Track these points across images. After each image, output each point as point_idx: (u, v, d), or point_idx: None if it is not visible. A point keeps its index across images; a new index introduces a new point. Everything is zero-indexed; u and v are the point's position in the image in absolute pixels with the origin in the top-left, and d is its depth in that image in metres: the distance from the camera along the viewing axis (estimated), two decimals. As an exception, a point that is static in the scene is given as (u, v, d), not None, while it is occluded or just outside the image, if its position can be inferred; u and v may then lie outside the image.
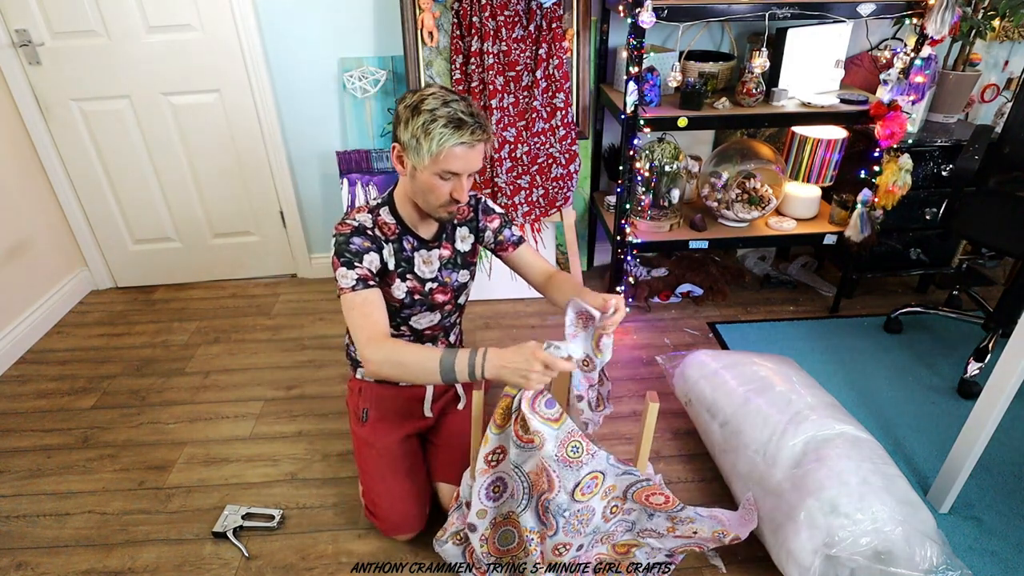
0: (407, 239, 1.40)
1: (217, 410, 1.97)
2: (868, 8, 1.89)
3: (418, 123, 1.21)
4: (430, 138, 1.20)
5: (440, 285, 1.47)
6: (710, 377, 1.72)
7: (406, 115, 1.23)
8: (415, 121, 1.21)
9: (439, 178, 1.25)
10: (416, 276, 1.43)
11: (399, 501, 1.47)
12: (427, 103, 1.22)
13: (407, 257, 1.41)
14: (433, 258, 1.45)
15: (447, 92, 1.25)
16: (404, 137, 1.24)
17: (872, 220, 2.13)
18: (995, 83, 2.40)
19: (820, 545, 1.27)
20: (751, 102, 2.05)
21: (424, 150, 1.22)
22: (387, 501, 1.47)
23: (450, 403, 1.68)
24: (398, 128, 1.25)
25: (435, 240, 1.44)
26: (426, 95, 1.24)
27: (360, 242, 1.31)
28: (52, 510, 1.63)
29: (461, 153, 1.23)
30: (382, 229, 1.37)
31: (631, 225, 2.15)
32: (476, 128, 1.22)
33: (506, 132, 2.14)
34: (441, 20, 2.07)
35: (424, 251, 1.43)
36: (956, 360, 2.11)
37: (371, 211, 1.38)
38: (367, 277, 1.30)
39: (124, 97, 2.28)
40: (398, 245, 1.39)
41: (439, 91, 1.25)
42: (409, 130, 1.22)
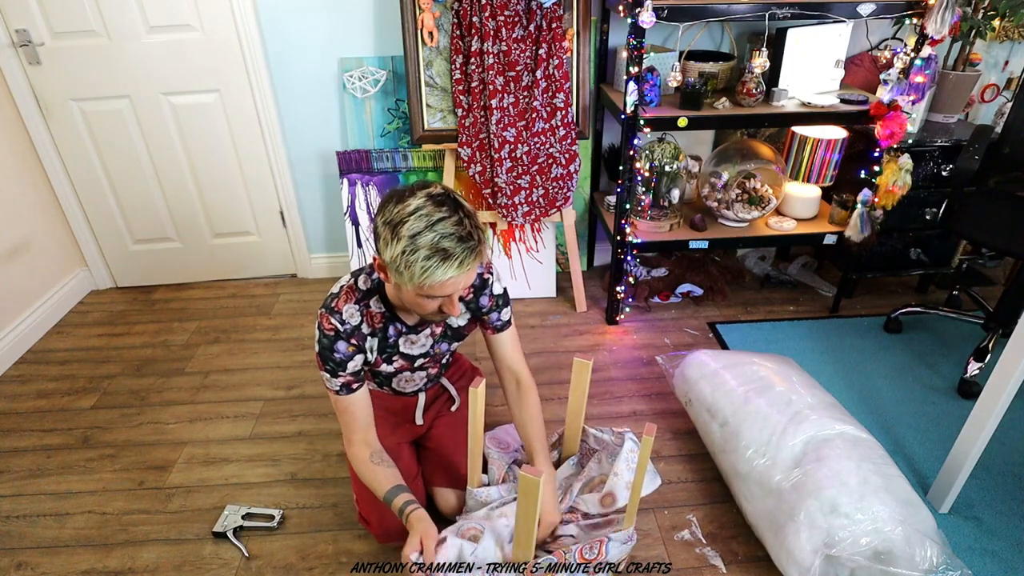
0: (394, 325, 1.33)
1: (217, 410, 1.97)
2: (868, 8, 1.89)
3: (397, 250, 1.07)
4: (411, 271, 1.07)
5: (428, 358, 1.45)
6: (710, 377, 1.72)
7: (385, 234, 1.09)
8: (394, 246, 1.07)
9: (427, 298, 1.15)
10: (403, 355, 1.39)
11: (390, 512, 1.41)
12: (408, 225, 1.06)
13: (392, 343, 1.35)
14: (422, 337, 1.39)
15: (433, 205, 1.08)
16: (386, 257, 1.11)
17: (872, 220, 2.13)
18: (995, 83, 2.40)
19: (820, 545, 1.27)
20: (751, 102, 2.05)
21: (407, 279, 1.10)
22: (379, 511, 1.42)
23: (443, 408, 1.67)
24: (378, 243, 1.12)
25: (423, 324, 1.37)
26: (407, 214, 1.07)
27: (344, 349, 1.26)
28: (52, 510, 1.63)
29: (452, 283, 1.11)
30: (370, 320, 1.29)
31: (631, 225, 2.15)
32: (466, 255, 1.09)
33: (506, 132, 2.14)
34: (441, 20, 2.07)
35: (412, 334, 1.37)
36: (956, 360, 2.11)
37: (359, 301, 1.28)
38: (350, 383, 1.30)
39: (124, 97, 2.28)
40: (383, 334, 1.33)
41: (423, 206, 1.08)
42: (389, 253, 1.09)
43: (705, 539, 1.52)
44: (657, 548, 1.50)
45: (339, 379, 1.28)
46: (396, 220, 1.08)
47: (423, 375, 1.52)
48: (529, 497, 1.10)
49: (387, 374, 1.46)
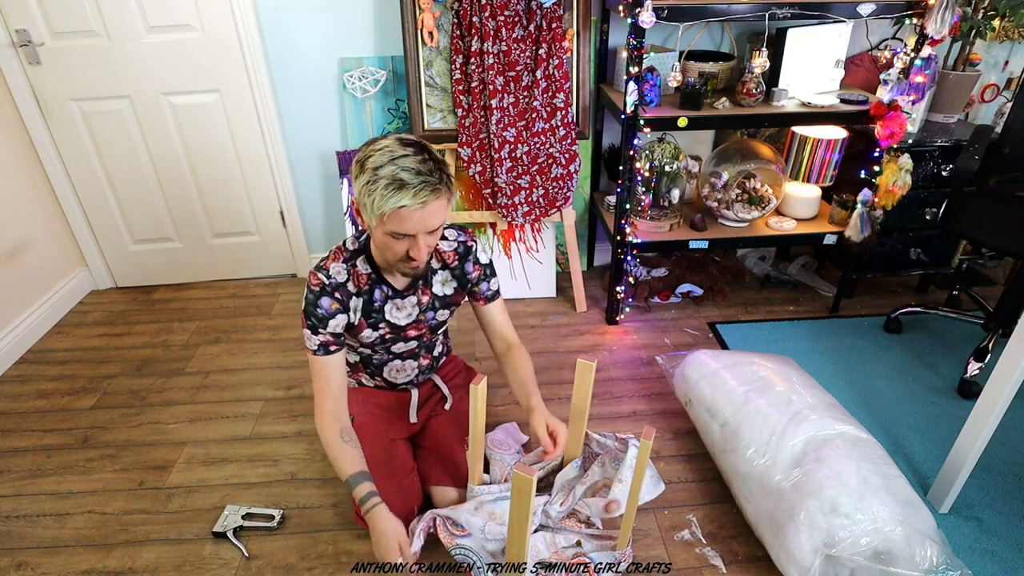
0: (380, 288, 1.37)
1: (217, 410, 1.97)
2: (868, 8, 1.89)
3: (363, 182, 1.16)
4: (372, 199, 1.15)
5: (415, 323, 1.45)
6: (710, 377, 1.72)
7: (355, 170, 1.19)
8: (360, 179, 1.17)
9: (391, 237, 1.20)
10: (388, 323, 1.41)
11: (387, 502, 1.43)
12: (372, 159, 1.16)
13: (378, 307, 1.38)
14: (408, 304, 1.41)
15: (399, 145, 1.17)
16: (355, 193, 1.20)
17: (872, 220, 2.13)
18: (995, 83, 2.40)
19: (820, 545, 1.27)
20: (751, 102, 2.05)
21: (369, 210, 1.17)
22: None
23: (437, 407, 1.67)
24: (353, 179, 1.21)
25: (410, 288, 1.40)
26: (373, 151, 1.17)
27: (328, 305, 1.31)
28: (52, 510, 1.63)
29: (408, 214, 1.15)
30: (356, 280, 1.34)
31: (631, 225, 2.15)
32: (422, 188, 1.14)
33: (506, 132, 2.14)
34: (441, 20, 2.07)
35: (398, 299, 1.40)
36: (956, 360, 2.11)
37: (347, 260, 1.34)
38: (329, 343, 1.33)
39: (124, 97, 2.28)
40: (368, 296, 1.36)
41: (390, 144, 1.17)
42: (356, 188, 1.18)
43: (705, 539, 1.52)
44: (657, 548, 1.50)
45: (319, 337, 1.32)
46: (363, 157, 1.17)
47: (414, 364, 1.54)
48: (522, 495, 1.10)
49: (376, 362, 1.49)
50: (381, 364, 1.52)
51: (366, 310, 1.37)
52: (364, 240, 1.36)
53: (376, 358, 1.50)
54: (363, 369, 1.55)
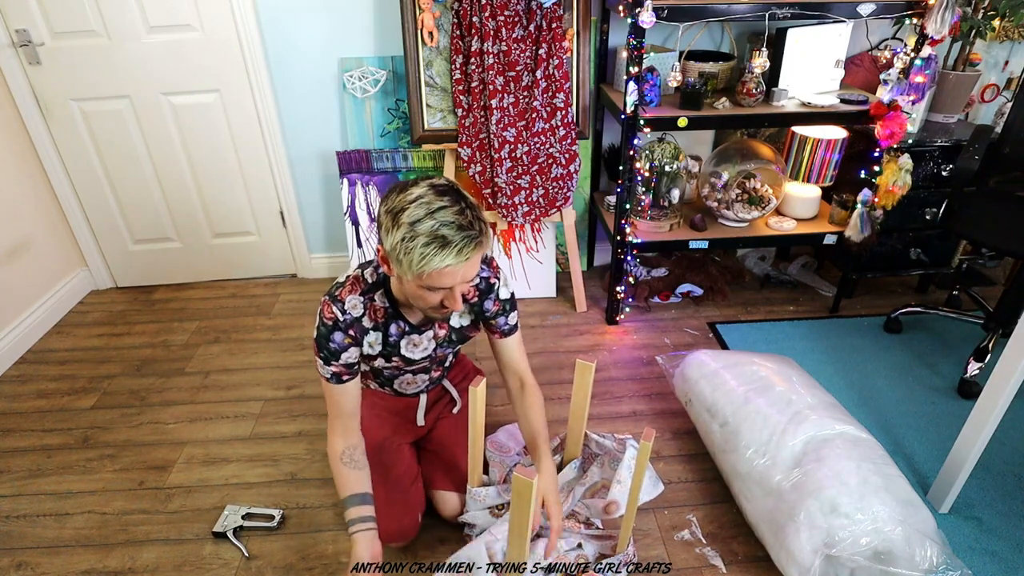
0: (396, 323, 1.32)
1: (217, 410, 1.97)
2: (868, 8, 1.89)
3: (397, 237, 1.07)
4: (410, 258, 1.06)
5: (431, 360, 1.44)
6: (710, 377, 1.72)
7: (387, 223, 1.10)
8: (395, 234, 1.07)
9: (427, 290, 1.14)
10: (403, 357, 1.38)
11: (390, 512, 1.43)
12: (407, 213, 1.07)
13: (393, 342, 1.34)
14: (424, 339, 1.37)
15: (435, 195, 1.08)
16: (387, 245, 1.11)
17: (872, 220, 2.13)
18: (995, 83, 2.40)
19: (820, 545, 1.27)
20: (751, 102, 2.05)
21: (406, 267, 1.09)
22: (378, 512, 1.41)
23: (444, 410, 1.67)
24: (381, 232, 1.13)
25: (426, 324, 1.36)
26: (408, 202, 1.08)
27: (340, 340, 1.26)
28: (52, 510, 1.63)
29: (451, 272, 1.09)
30: (373, 314, 1.29)
31: (631, 225, 2.15)
32: (465, 244, 1.07)
33: (506, 132, 2.14)
34: (441, 20, 2.07)
35: (415, 335, 1.35)
36: (956, 360, 2.11)
37: (364, 292, 1.28)
38: (342, 373, 1.30)
39: (124, 97, 2.28)
40: (384, 331, 1.32)
41: (425, 194, 1.08)
42: (389, 242, 1.09)
43: (705, 539, 1.52)
44: (657, 548, 1.50)
45: (331, 368, 1.28)
46: (397, 208, 1.08)
47: (425, 378, 1.52)
48: (522, 499, 1.10)
49: (387, 375, 1.46)
50: (392, 377, 1.49)
51: (384, 343, 1.33)
52: (383, 275, 1.30)
53: (387, 370, 1.47)
54: (372, 378, 1.53)
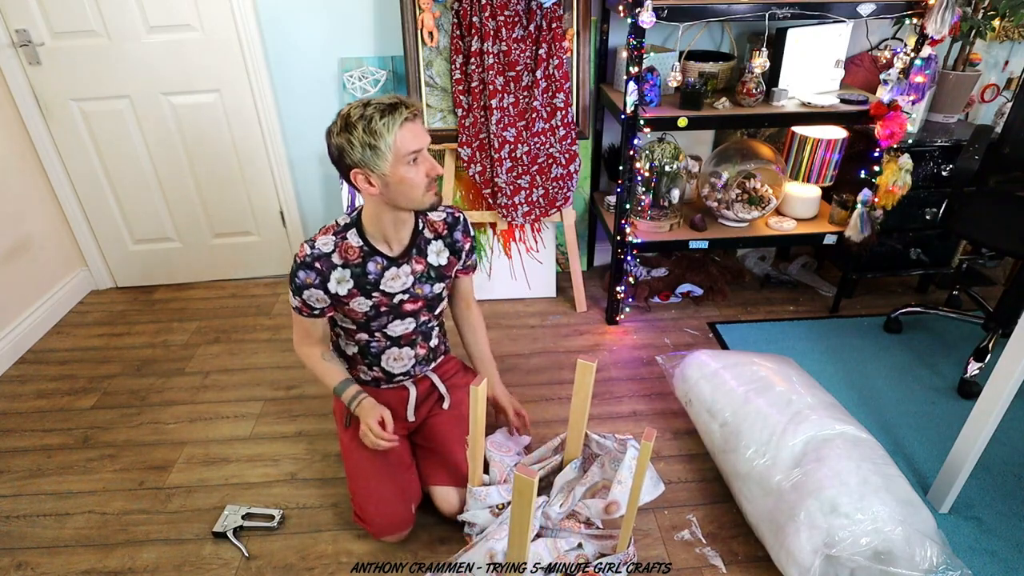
0: (374, 260, 1.41)
1: (217, 410, 1.97)
2: (868, 8, 1.89)
3: (360, 133, 1.22)
4: (378, 134, 1.22)
5: (411, 297, 1.48)
6: (710, 377, 1.72)
7: (344, 137, 1.24)
8: (356, 135, 1.23)
9: (410, 166, 1.27)
10: (383, 292, 1.44)
11: (385, 503, 1.47)
12: (352, 115, 1.24)
13: (373, 279, 1.42)
14: (403, 274, 1.45)
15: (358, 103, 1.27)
16: (356, 156, 1.25)
17: (872, 220, 2.13)
18: (995, 83, 2.40)
19: (820, 545, 1.27)
20: (751, 102, 2.05)
21: (381, 149, 1.23)
22: (373, 504, 1.47)
23: (435, 405, 1.68)
24: (345, 155, 1.26)
25: (404, 256, 1.44)
26: (345, 114, 1.26)
27: (303, 277, 1.37)
28: (52, 510, 1.63)
29: (411, 129, 1.26)
30: (345, 253, 1.39)
31: (631, 225, 2.15)
32: (406, 107, 1.25)
33: (506, 132, 2.14)
34: (441, 20, 2.07)
35: (393, 268, 1.43)
36: (956, 360, 2.11)
37: (337, 232, 1.40)
38: (303, 309, 1.43)
39: (124, 97, 2.28)
40: (361, 268, 1.40)
41: (352, 105, 1.26)
42: (356, 145, 1.23)
43: (705, 539, 1.52)
44: (657, 548, 1.50)
45: (296, 300, 1.41)
46: (341, 124, 1.24)
47: (411, 354, 1.58)
48: (523, 498, 1.10)
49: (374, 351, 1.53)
50: (379, 352, 1.54)
51: (359, 282, 1.41)
52: (355, 215, 1.41)
53: (374, 345, 1.52)
54: (361, 360, 1.56)
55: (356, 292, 1.41)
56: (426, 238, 1.48)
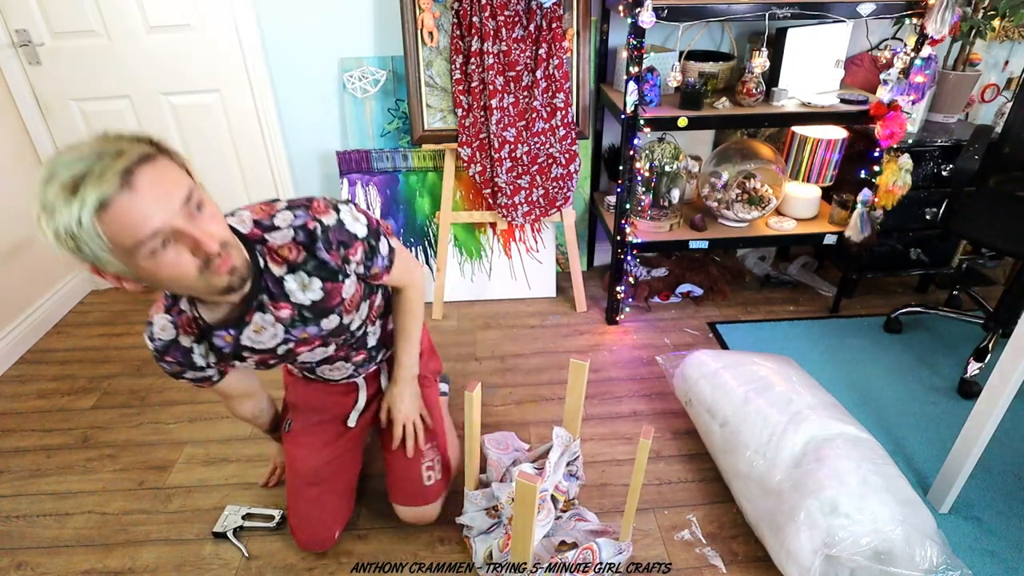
0: (217, 335, 1.10)
1: (217, 410, 1.97)
2: (868, 8, 1.88)
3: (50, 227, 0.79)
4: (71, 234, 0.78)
5: (298, 342, 1.17)
6: (710, 377, 1.71)
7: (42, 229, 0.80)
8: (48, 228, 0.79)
9: (151, 257, 0.84)
10: (256, 351, 1.15)
11: (307, 523, 1.40)
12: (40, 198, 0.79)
13: (230, 350, 1.13)
14: (267, 324, 1.11)
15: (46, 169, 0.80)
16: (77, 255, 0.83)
17: (872, 220, 2.13)
18: (995, 83, 2.40)
19: (820, 545, 1.27)
20: (751, 102, 2.05)
21: (92, 252, 0.81)
22: (296, 520, 1.42)
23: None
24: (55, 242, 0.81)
25: (246, 313, 1.08)
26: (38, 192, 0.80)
27: (169, 368, 1.13)
28: (52, 510, 1.63)
29: (120, 210, 0.78)
30: (187, 327, 1.10)
31: (631, 225, 2.15)
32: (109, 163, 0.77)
33: (506, 132, 2.14)
34: (441, 20, 2.07)
35: (246, 329, 1.11)
36: (956, 360, 2.11)
37: (168, 308, 1.09)
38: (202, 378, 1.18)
39: (124, 97, 2.28)
40: (209, 344, 1.12)
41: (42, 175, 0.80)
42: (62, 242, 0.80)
43: (705, 539, 1.52)
44: (657, 548, 1.50)
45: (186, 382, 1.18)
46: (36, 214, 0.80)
47: (346, 365, 1.36)
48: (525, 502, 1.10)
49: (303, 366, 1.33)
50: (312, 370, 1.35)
51: (219, 355, 1.14)
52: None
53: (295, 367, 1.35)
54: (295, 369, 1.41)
55: (229, 358, 1.16)
56: (275, 277, 1.07)
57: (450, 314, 2.43)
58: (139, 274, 0.87)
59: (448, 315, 2.42)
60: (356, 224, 1.10)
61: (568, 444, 1.50)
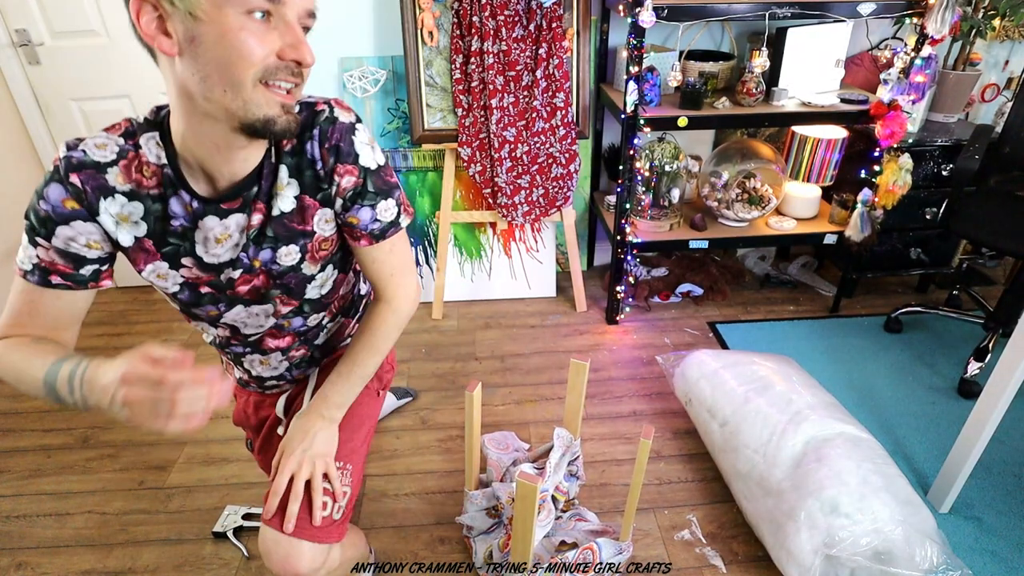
0: (180, 197, 0.83)
1: (217, 410, 1.97)
2: (868, 8, 1.88)
3: None
4: None
5: (246, 271, 0.89)
6: (710, 377, 1.71)
7: None
8: None
9: (247, 16, 0.69)
10: (197, 260, 0.88)
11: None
12: None
13: (179, 229, 0.85)
14: (231, 229, 0.86)
15: None
16: None
17: (872, 220, 2.13)
18: (995, 83, 2.40)
19: (820, 545, 1.27)
20: (751, 102, 2.05)
21: None
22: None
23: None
24: None
25: (233, 197, 0.84)
26: None
27: (57, 199, 0.78)
28: (52, 510, 1.63)
29: None
30: (135, 172, 0.81)
31: (631, 225, 2.15)
32: None
33: (506, 132, 2.14)
34: (441, 20, 2.07)
35: (212, 218, 0.85)
36: (956, 360, 2.11)
37: (127, 134, 0.82)
38: (52, 266, 0.81)
39: (124, 97, 2.28)
40: (162, 206, 0.83)
41: None
42: None
43: (705, 539, 1.52)
44: (657, 548, 1.50)
45: (36, 250, 0.81)
46: None
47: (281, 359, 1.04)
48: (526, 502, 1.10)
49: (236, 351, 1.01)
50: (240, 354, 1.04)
51: (157, 229, 0.84)
52: (165, 112, 0.83)
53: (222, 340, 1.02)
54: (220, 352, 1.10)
55: (152, 250, 0.86)
56: (271, 164, 0.85)
57: (450, 314, 2.43)
58: (206, 25, 0.67)
59: (448, 315, 2.42)
60: (367, 150, 0.86)
61: (569, 445, 1.50)
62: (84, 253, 0.83)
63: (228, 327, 0.98)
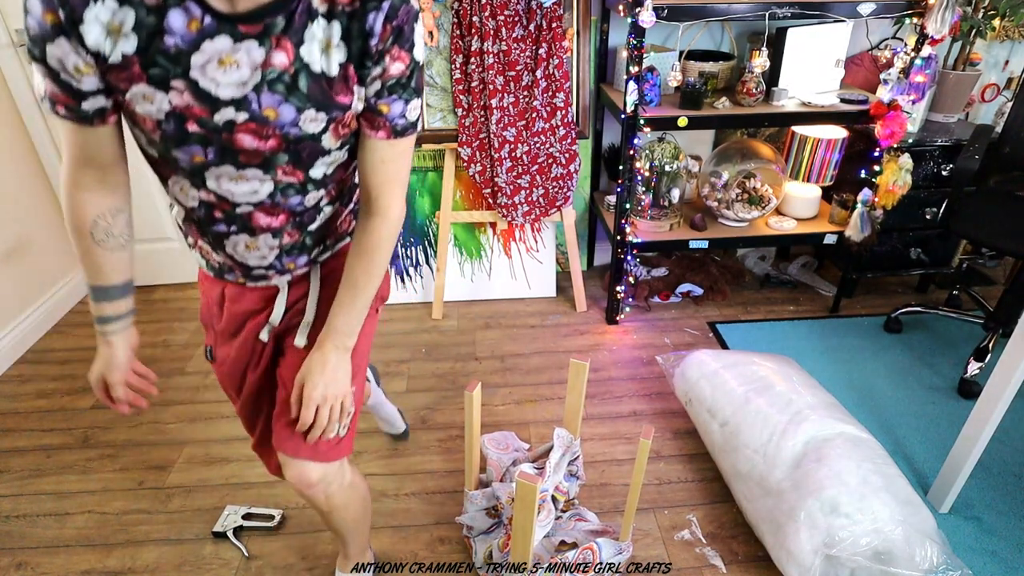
0: (186, 10, 0.72)
1: (217, 410, 1.97)
2: (868, 8, 1.88)
3: None
4: None
5: (250, 118, 0.79)
6: (710, 377, 1.72)
7: None
8: None
9: None
10: (193, 87, 0.76)
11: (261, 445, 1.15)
12: None
13: (174, 49, 0.73)
14: (242, 58, 0.75)
15: None
16: None
17: (872, 220, 2.13)
18: (995, 83, 2.40)
19: (820, 545, 1.27)
20: (751, 102, 2.05)
21: None
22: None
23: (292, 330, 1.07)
24: None
25: (254, 20, 0.73)
26: None
27: (40, 13, 0.75)
28: (52, 510, 1.63)
29: None
30: None
31: (631, 225, 2.15)
32: None
33: (506, 132, 2.14)
34: (441, 20, 2.07)
35: (224, 38, 0.74)
36: (956, 360, 2.11)
37: None
38: (57, 98, 0.77)
39: (124, 97, 2.28)
40: (156, 18, 0.72)
41: None
42: None
43: (705, 539, 1.52)
44: (657, 548, 1.50)
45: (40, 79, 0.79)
46: None
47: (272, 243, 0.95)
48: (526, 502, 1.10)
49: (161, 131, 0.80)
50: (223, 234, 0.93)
51: (146, 47, 0.73)
52: None
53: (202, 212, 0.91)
54: (198, 233, 0.98)
55: (138, 69, 0.74)
56: (311, 7, 0.76)
57: (450, 314, 2.43)
58: None
59: (448, 315, 2.42)
60: (421, 43, 0.82)
61: (569, 445, 1.50)
62: (79, 85, 0.77)
63: (214, 194, 0.87)
